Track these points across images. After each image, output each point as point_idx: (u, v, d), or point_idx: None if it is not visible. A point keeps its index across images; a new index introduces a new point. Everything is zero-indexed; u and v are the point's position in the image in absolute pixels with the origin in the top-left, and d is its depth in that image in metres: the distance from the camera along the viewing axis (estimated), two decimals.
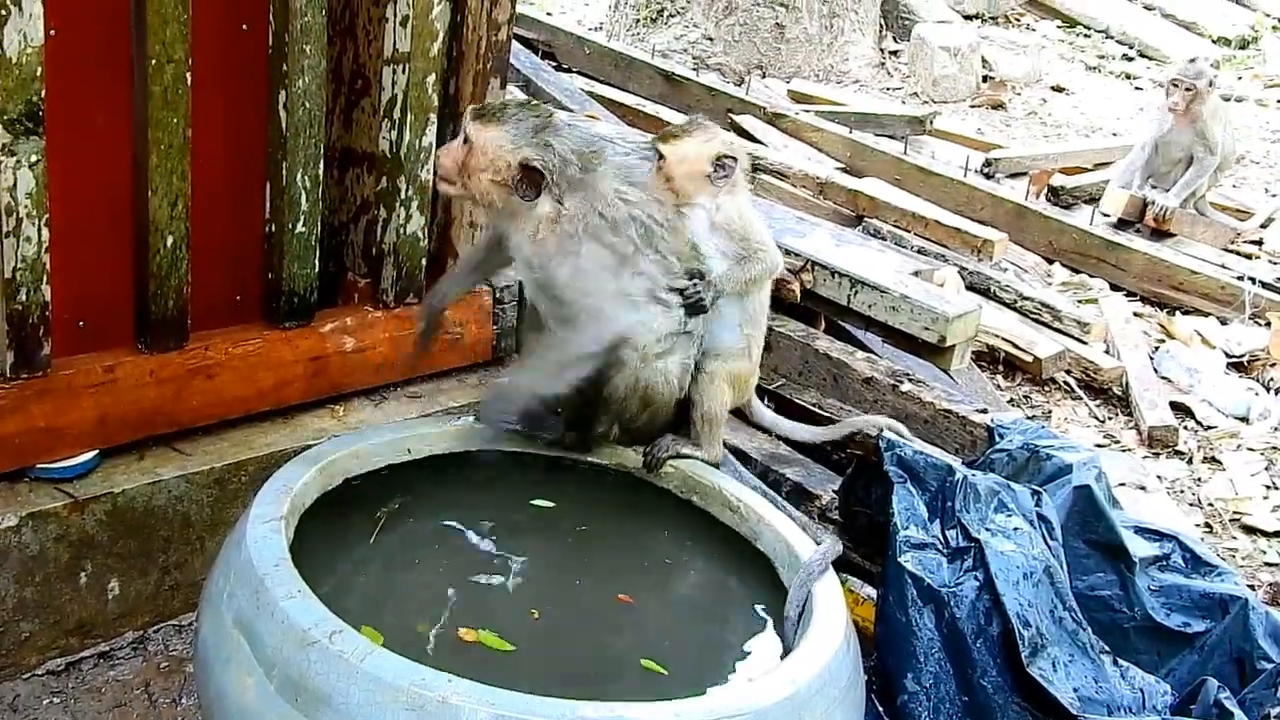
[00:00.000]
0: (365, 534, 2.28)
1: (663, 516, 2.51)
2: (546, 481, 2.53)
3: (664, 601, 2.38)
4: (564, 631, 2.20)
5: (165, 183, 2.56)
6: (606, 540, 2.46)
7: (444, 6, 2.86)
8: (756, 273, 2.71)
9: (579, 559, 2.39)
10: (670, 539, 2.49)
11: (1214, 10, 10.44)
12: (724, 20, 7.37)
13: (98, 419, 2.58)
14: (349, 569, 2.21)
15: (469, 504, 2.43)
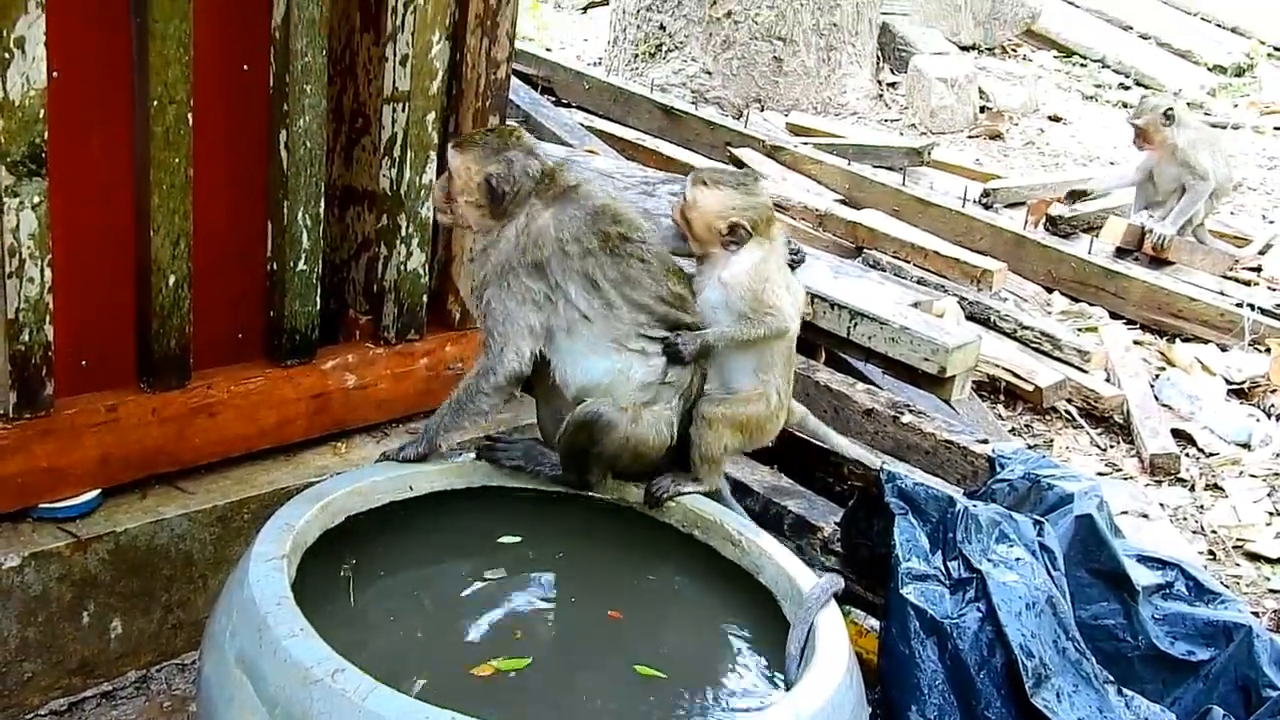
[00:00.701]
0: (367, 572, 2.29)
1: (664, 551, 2.51)
2: (549, 517, 2.53)
3: (667, 637, 2.38)
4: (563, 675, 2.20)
5: (167, 222, 2.57)
6: (608, 576, 2.47)
7: (443, 45, 2.88)
8: (756, 335, 2.65)
9: (578, 596, 2.39)
10: (672, 573, 2.49)
11: (1209, 38, 10.49)
12: (722, 54, 7.41)
13: (100, 458, 2.59)
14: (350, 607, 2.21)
15: (471, 541, 2.44)
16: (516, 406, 3.19)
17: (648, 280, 2.54)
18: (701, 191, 2.65)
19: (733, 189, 2.67)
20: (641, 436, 2.55)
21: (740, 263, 2.65)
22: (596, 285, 2.49)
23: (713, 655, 2.34)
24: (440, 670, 2.13)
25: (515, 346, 2.49)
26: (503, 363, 2.49)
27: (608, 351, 2.52)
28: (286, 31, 2.64)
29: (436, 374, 3.08)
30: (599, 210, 2.53)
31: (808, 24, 7.43)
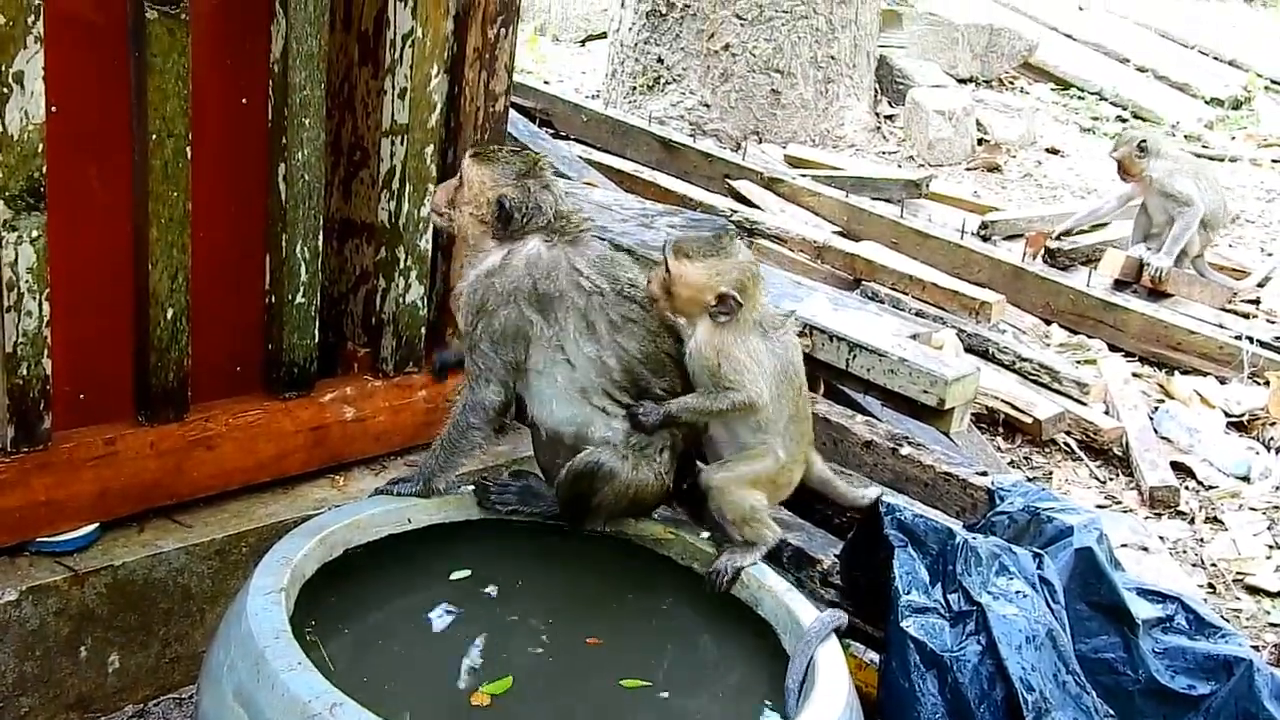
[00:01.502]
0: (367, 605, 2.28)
1: (662, 583, 2.50)
2: (546, 550, 2.53)
3: (666, 671, 2.37)
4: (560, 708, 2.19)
5: (166, 255, 2.58)
6: (608, 610, 2.46)
7: (441, 79, 2.89)
8: (718, 407, 2.55)
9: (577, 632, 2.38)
10: (672, 606, 2.49)
11: (1206, 71, 10.53)
12: (720, 87, 7.43)
13: (98, 492, 2.58)
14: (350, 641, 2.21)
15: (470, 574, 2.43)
16: (515, 439, 3.19)
17: (641, 334, 2.52)
18: (685, 265, 2.52)
19: (715, 257, 2.55)
20: (643, 483, 2.54)
21: (698, 334, 2.55)
22: (593, 329, 2.47)
23: (712, 689, 2.33)
24: (438, 701, 2.12)
25: (500, 379, 2.49)
26: (487, 396, 2.49)
27: (571, 400, 2.50)
28: (285, 65, 2.65)
29: (435, 406, 3.08)
30: (611, 255, 2.53)
31: (805, 57, 7.45)
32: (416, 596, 2.38)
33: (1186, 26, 11.61)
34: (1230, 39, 11.46)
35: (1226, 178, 7.96)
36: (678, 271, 2.52)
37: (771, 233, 5.71)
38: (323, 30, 2.67)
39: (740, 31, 7.34)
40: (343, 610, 2.25)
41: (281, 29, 2.64)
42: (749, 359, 2.57)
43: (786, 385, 2.64)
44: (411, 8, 2.78)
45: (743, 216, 5.81)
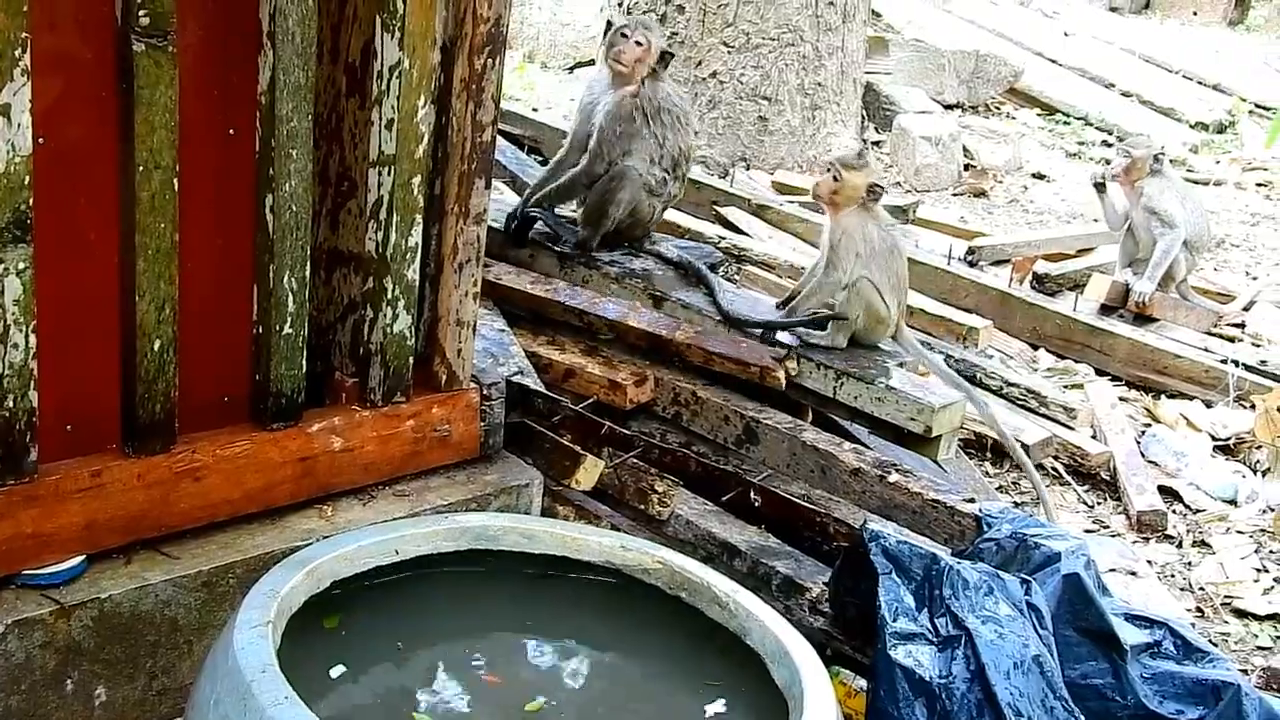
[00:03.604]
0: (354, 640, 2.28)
1: (650, 613, 2.50)
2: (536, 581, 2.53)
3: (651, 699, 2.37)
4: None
5: (153, 287, 2.58)
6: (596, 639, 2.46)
7: (429, 109, 2.90)
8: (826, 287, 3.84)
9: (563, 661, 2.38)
10: (658, 637, 2.48)
11: (1191, 96, 10.59)
12: (708, 114, 7.46)
13: (85, 524, 2.58)
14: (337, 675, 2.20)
15: (455, 607, 2.43)
16: (503, 468, 3.21)
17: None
18: (851, 173, 3.76)
19: (868, 166, 3.88)
20: (641, 202, 4.25)
21: (841, 220, 3.84)
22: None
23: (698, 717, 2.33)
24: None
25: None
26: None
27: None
28: (273, 97, 2.66)
29: (423, 436, 3.08)
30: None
31: (792, 84, 7.48)
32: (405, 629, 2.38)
33: (1171, 51, 11.67)
34: (1214, 63, 11.52)
35: (1211, 201, 8.00)
36: (846, 178, 3.75)
37: (759, 259, 5.73)
38: (310, 62, 2.69)
39: (727, 59, 7.37)
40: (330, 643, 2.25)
41: (269, 61, 2.65)
42: (863, 241, 3.76)
43: (890, 259, 3.81)
44: (398, 39, 2.79)
45: (730, 243, 5.82)
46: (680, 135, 4.32)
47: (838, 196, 3.77)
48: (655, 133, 4.24)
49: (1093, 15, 12.99)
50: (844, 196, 3.76)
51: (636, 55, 4.19)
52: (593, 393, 3.75)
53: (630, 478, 3.34)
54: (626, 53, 4.18)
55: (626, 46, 4.18)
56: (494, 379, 3.23)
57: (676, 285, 4.14)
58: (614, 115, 4.22)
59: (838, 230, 3.81)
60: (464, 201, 3.04)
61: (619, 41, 4.20)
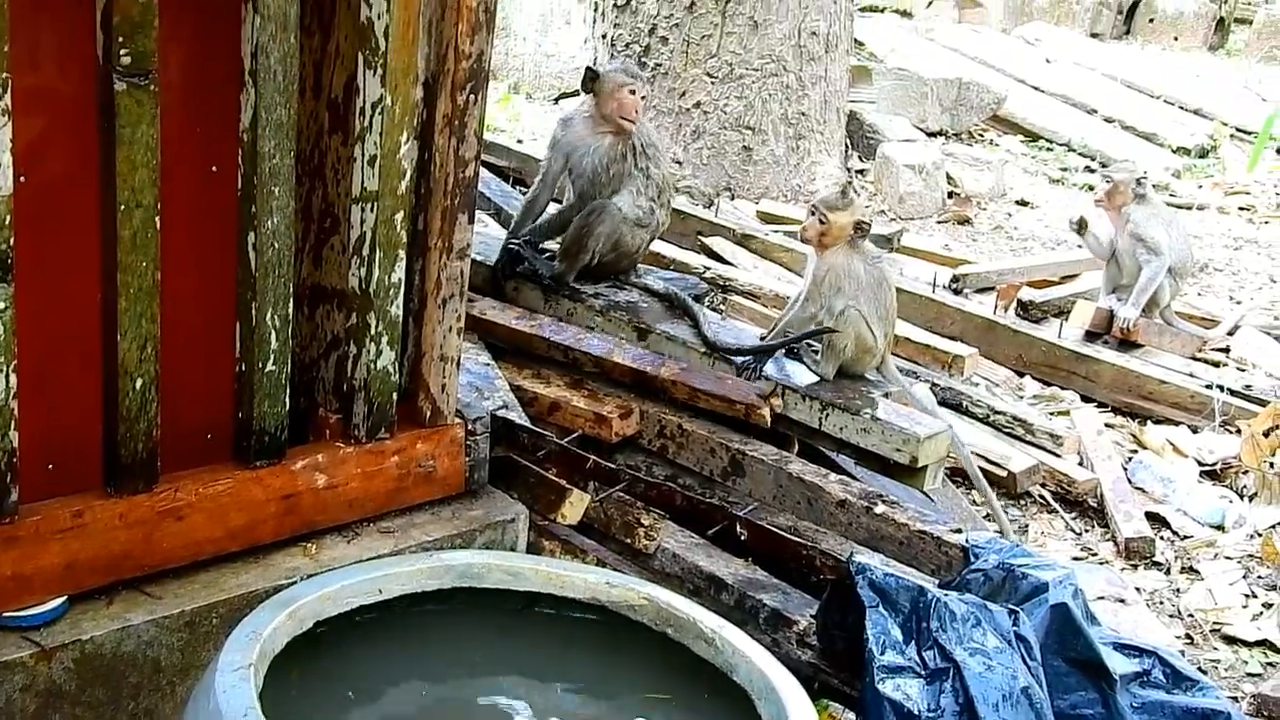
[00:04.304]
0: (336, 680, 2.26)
1: (637, 650, 2.49)
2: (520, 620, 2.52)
3: None
4: None
5: (134, 326, 2.57)
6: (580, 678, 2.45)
7: (411, 145, 2.90)
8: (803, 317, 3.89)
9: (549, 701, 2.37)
10: (645, 673, 2.47)
11: (1173, 121, 10.64)
12: (692, 144, 7.48)
13: (66, 565, 2.56)
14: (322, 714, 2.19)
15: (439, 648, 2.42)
16: (488, 503, 3.19)
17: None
18: (836, 214, 3.79)
19: (852, 205, 3.86)
20: (625, 236, 4.26)
21: (826, 257, 3.86)
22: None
23: None
24: None
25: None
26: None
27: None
28: (255, 134, 2.65)
29: (408, 472, 3.07)
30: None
31: (776, 114, 7.50)
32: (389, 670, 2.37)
33: (1152, 77, 11.75)
34: (1195, 88, 11.60)
35: (1194, 226, 8.04)
36: (832, 218, 3.78)
37: (744, 289, 5.73)
38: (292, 99, 2.68)
39: (711, 90, 7.40)
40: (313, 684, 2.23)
41: (251, 99, 2.64)
42: (848, 278, 3.81)
43: (879, 291, 3.85)
44: (381, 76, 2.79)
45: (716, 273, 5.83)
46: (662, 165, 4.35)
47: (826, 238, 3.82)
48: (643, 168, 4.26)
49: (1074, 42, 13.07)
50: (832, 237, 3.81)
51: (640, 108, 4.21)
52: (578, 426, 3.75)
53: (616, 511, 3.33)
54: (640, 108, 4.23)
55: (637, 103, 4.22)
56: (479, 413, 3.22)
57: (662, 317, 4.14)
58: (608, 158, 4.23)
59: (823, 266, 3.86)
60: (447, 237, 3.03)
61: (627, 97, 4.20)
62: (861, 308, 3.79)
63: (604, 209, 4.22)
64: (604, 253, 4.26)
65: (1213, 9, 15.15)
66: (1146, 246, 5.81)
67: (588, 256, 4.25)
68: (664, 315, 4.16)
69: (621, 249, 4.29)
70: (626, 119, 4.21)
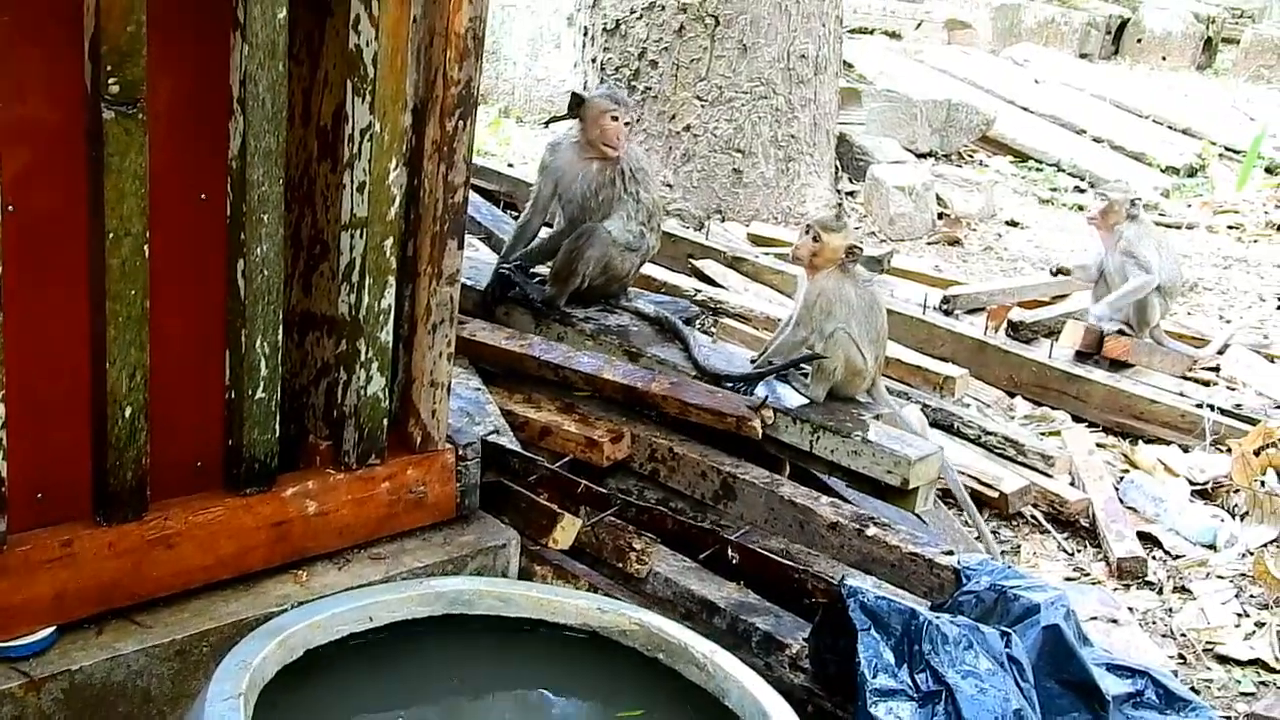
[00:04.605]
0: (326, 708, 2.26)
1: (629, 675, 2.48)
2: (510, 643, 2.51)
3: None
4: None
5: (123, 354, 2.57)
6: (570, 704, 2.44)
7: (400, 172, 2.90)
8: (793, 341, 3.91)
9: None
10: (637, 699, 2.47)
11: (1161, 141, 10.69)
12: (682, 167, 7.49)
13: (55, 595, 2.55)
14: None
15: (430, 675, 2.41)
16: (479, 528, 3.19)
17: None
18: (830, 235, 3.81)
19: (846, 228, 3.93)
20: (615, 260, 4.28)
21: (817, 281, 3.88)
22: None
23: None
24: None
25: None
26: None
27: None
28: (243, 162, 2.65)
29: (399, 498, 3.07)
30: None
31: (766, 136, 7.52)
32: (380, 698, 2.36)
33: (1141, 97, 11.80)
34: (1184, 108, 11.65)
35: (1183, 245, 8.06)
36: (826, 240, 3.81)
37: (735, 312, 5.73)
38: (281, 127, 2.69)
39: (701, 113, 7.42)
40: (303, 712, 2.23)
41: (239, 126, 2.65)
42: (839, 303, 3.81)
43: (871, 314, 3.86)
44: (369, 103, 2.80)
45: (707, 296, 5.83)
46: (652, 189, 4.37)
47: (817, 259, 3.84)
48: (632, 192, 4.27)
49: (1063, 62, 13.13)
50: (823, 258, 3.82)
51: (627, 135, 4.24)
52: (569, 450, 3.75)
53: (608, 536, 3.33)
54: (622, 135, 4.23)
55: (620, 130, 4.23)
56: (470, 439, 3.22)
57: (652, 341, 4.15)
58: (597, 183, 4.26)
59: (814, 290, 3.87)
60: (437, 262, 3.03)
61: (609, 124, 4.22)
62: (852, 330, 3.79)
63: (593, 233, 4.23)
64: (594, 276, 4.27)
65: (1200, 29, 15.23)
66: (1137, 263, 5.82)
67: (578, 280, 4.26)
68: (655, 339, 4.17)
69: (611, 273, 4.30)
70: (609, 146, 4.22)
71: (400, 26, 2.79)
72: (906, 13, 14.68)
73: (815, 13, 7.57)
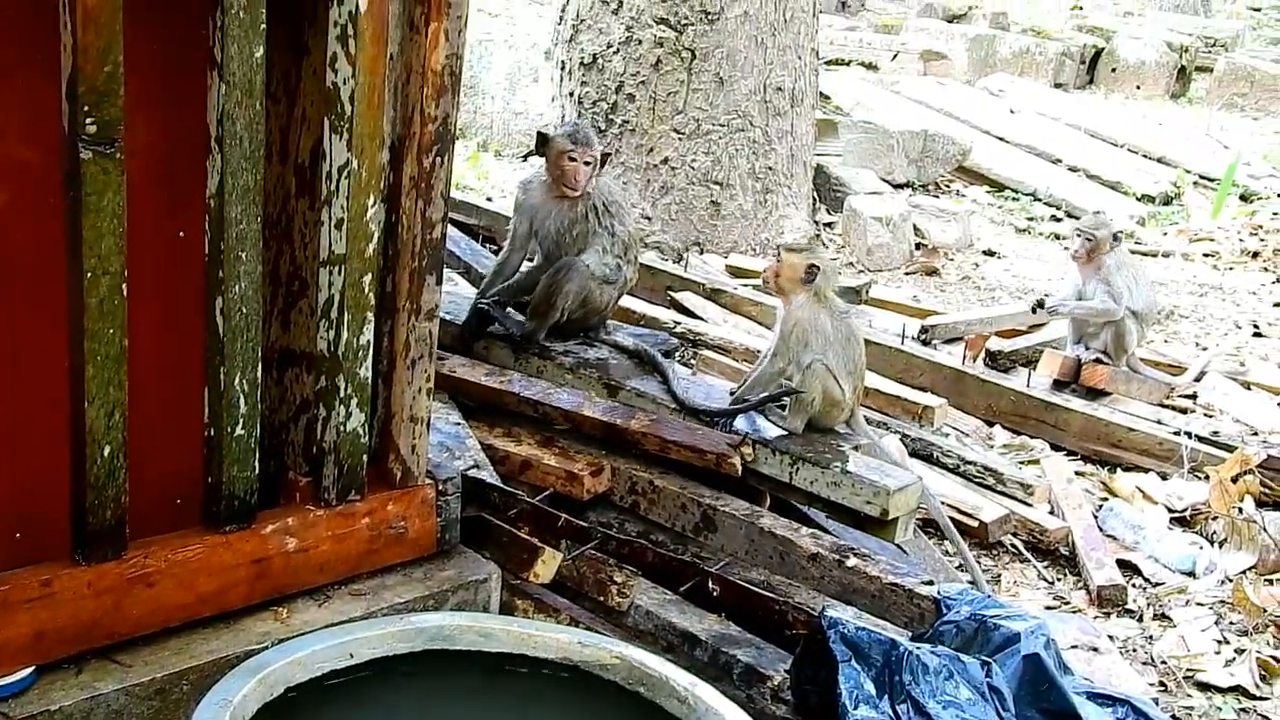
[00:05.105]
0: None
1: (610, 709, 2.48)
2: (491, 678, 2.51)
3: None
4: None
5: (102, 393, 2.56)
6: None
7: (378, 208, 2.91)
8: (772, 371, 3.92)
9: None
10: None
11: (1137, 169, 10.77)
12: (660, 200, 7.52)
13: (35, 634, 2.54)
14: None
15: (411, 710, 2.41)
16: (460, 563, 3.19)
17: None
18: (789, 255, 3.88)
19: (807, 250, 3.97)
20: (594, 293, 4.29)
21: (790, 308, 3.90)
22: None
23: None
24: None
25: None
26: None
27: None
28: (221, 200, 2.66)
29: (379, 533, 3.07)
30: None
31: (743, 168, 7.56)
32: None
33: (1116, 126, 11.89)
34: (1158, 137, 11.75)
35: (1160, 273, 8.11)
36: (785, 259, 3.86)
37: (715, 344, 5.75)
38: (259, 165, 2.69)
39: (678, 145, 7.45)
40: None
41: (217, 164, 2.65)
42: (815, 332, 3.83)
43: (848, 345, 3.88)
44: (347, 140, 2.81)
45: (686, 328, 5.85)
46: (627, 223, 4.38)
47: (780, 279, 3.89)
48: (606, 226, 4.29)
49: (1038, 92, 13.23)
50: (785, 278, 3.87)
51: (589, 175, 4.24)
52: (549, 484, 3.75)
53: (589, 569, 3.32)
54: (580, 175, 4.23)
55: (579, 170, 4.24)
56: (449, 473, 3.22)
57: (632, 374, 4.15)
58: (568, 219, 4.28)
59: (789, 320, 3.89)
60: (415, 298, 3.04)
61: (568, 164, 4.24)
62: (829, 361, 3.81)
63: (572, 266, 4.24)
64: (573, 310, 4.28)
65: (1174, 58, 15.36)
66: (1111, 294, 5.86)
67: (557, 314, 4.27)
68: (634, 372, 4.18)
69: (590, 306, 4.31)
70: (567, 186, 4.24)
71: (377, 64, 2.80)
72: (882, 44, 14.78)
73: (791, 45, 7.63)
